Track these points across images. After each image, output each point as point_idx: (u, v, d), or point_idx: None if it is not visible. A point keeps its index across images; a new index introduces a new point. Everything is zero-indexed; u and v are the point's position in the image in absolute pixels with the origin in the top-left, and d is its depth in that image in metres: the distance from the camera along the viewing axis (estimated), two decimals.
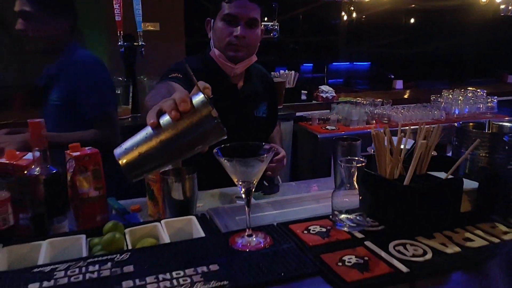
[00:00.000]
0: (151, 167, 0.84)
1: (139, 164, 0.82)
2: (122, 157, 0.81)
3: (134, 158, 0.81)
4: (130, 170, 0.82)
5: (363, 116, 3.01)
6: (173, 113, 0.79)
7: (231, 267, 0.82)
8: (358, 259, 0.84)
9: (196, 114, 0.80)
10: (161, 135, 0.81)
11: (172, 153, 0.83)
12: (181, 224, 1.08)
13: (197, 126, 0.80)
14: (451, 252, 0.87)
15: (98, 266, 0.83)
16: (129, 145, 0.82)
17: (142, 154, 0.81)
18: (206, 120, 0.80)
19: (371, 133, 0.98)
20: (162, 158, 0.83)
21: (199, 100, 0.81)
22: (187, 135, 0.81)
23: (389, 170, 0.98)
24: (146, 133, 0.82)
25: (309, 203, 1.20)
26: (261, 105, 1.70)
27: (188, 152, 0.84)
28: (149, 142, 0.81)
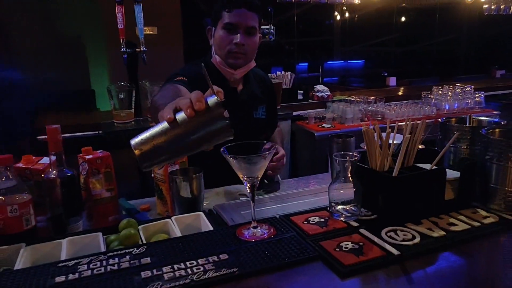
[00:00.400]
0: (163, 158, 0.91)
1: (153, 155, 0.89)
2: (138, 147, 0.88)
3: (149, 149, 0.89)
4: (144, 159, 0.89)
5: (357, 114, 3.11)
6: (189, 111, 0.87)
7: (239, 256, 0.91)
8: (354, 245, 0.93)
9: (210, 114, 0.89)
10: (176, 130, 0.89)
11: (183, 147, 0.91)
12: (190, 219, 1.17)
13: (209, 125, 0.89)
14: (437, 236, 0.96)
15: (117, 259, 0.91)
16: (145, 136, 0.89)
17: (157, 145, 0.88)
18: (218, 120, 0.89)
19: (362, 130, 1.07)
20: (174, 151, 0.91)
21: (213, 102, 0.89)
22: (199, 132, 0.89)
23: (379, 163, 1.07)
24: (162, 127, 0.89)
25: (308, 197, 1.29)
26: (260, 107, 1.79)
27: (198, 148, 0.92)
28: (164, 135, 0.89)
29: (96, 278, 0.85)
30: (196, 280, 0.82)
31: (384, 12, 6.39)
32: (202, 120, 0.89)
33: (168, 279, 0.83)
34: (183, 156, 0.92)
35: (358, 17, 6.64)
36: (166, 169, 1.33)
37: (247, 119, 1.74)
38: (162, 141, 0.89)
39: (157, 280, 0.83)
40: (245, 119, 1.72)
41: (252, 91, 1.77)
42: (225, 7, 1.56)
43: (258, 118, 1.78)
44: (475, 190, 1.12)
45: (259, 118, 1.78)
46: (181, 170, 1.31)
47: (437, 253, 0.91)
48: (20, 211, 1.06)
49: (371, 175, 1.08)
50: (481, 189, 1.10)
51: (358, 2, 3.62)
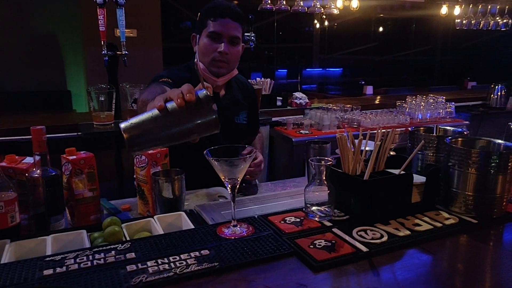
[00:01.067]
0: (150, 144, 0.96)
1: (141, 140, 0.94)
2: (128, 131, 0.93)
3: (138, 134, 0.93)
4: (133, 143, 0.93)
5: (334, 121, 3.21)
6: (179, 100, 0.92)
7: (220, 252, 0.96)
8: (326, 243, 1.00)
9: (199, 106, 0.94)
10: (166, 117, 0.93)
11: (172, 135, 0.95)
12: (171, 219, 1.22)
13: (199, 117, 0.94)
14: (403, 235, 1.04)
15: (103, 254, 0.95)
16: (136, 121, 0.94)
17: (146, 131, 0.93)
18: (207, 112, 0.94)
19: (336, 136, 1.14)
20: (163, 138, 0.95)
21: (204, 95, 0.95)
22: (188, 122, 0.94)
23: (352, 168, 1.15)
24: (152, 113, 0.94)
25: (285, 199, 1.36)
26: (241, 112, 1.85)
27: (185, 138, 0.97)
28: (154, 122, 0.93)
29: (83, 271, 0.89)
30: (179, 273, 0.88)
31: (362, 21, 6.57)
32: (192, 111, 0.94)
33: (152, 272, 0.88)
34: (170, 143, 0.97)
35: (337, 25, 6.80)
36: (148, 170, 1.37)
37: (229, 124, 1.79)
38: (152, 128, 0.94)
39: (142, 273, 0.88)
40: (226, 124, 1.78)
41: (234, 97, 1.83)
42: (210, 16, 1.62)
43: (239, 123, 1.84)
44: (439, 194, 1.21)
45: (240, 123, 1.84)
46: (164, 172, 1.35)
47: (402, 250, 0.99)
48: (6, 208, 1.09)
49: (344, 178, 1.15)
50: (444, 193, 1.19)
51: (337, 13, 3.74)
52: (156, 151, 1.39)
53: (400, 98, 3.85)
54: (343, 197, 1.15)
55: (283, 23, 6.21)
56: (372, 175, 1.13)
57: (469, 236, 1.08)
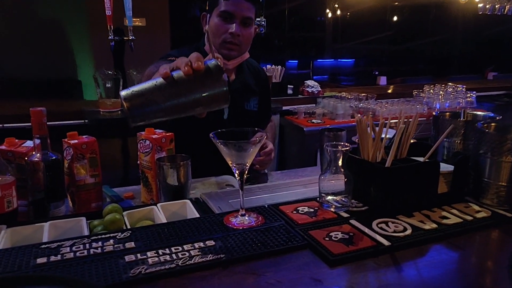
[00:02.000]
0: (152, 115, 0.87)
1: (143, 110, 0.85)
2: (129, 99, 0.84)
3: (140, 103, 0.85)
4: (134, 113, 0.85)
5: (348, 110, 3.10)
6: (186, 68, 0.83)
7: (226, 242, 0.88)
8: (343, 235, 0.92)
9: (208, 76, 0.86)
10: (171, 87, 0.85)
11: (176, 106, 0.87)
12: (176, 207, 1.14)
13: (207, 87, 0.86)
14: (429, 228, 0.94)
15: (101, 242, 0.88)
16: (138, 89, 0.85)
17: (149, 100, 0.84)
18: (216, 83, 0.86)
19: (355, 119, 1.05)
20: (167, 109, 0.87)
21: (214, 64, 0.86)
22: (195, 93, 0.86)
23: (372, 154, 1.05)
24: (156, 82, 0.85)
25: (298, 188, 1.27)
26: (252, 98, 1.76)
27: (191, 110, 0.89)
28: (158, 91, 0.85)
29: (79, 260, 0.82)
30: (181, 265, 0.80)
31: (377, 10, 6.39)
32: (200, 81, 0.86)
33: (152, 263, 0.80)
34: (174, 115, 0.89)
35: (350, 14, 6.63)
36: (152, 155, 1.29)
37: (238, 110, 1.70)
38: (156, 97, 0.85)
39: (141, 264, 0.80)
40: (235, 111, 1.69)
41: (245, 82, 1.74)
42: None
43: (250, 110, 1.75)
44: (468, 184, 1.11)
45: (250, 110, 1.75)
46: (169, 157, 1.28)
47: (428, 245, 0.90)
48: (2, 193, 1.03)
49: (363, 165, 1.06)
50: (474, 183, 1.09)
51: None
52: (161, 135, 1.31)
53: (417, 87, 3.71)
54: (362, 186, 1.06)
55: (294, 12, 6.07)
56: (395, 162, 1.03)
57: (502, 231, 0.98)
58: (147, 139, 1.31)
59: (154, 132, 1.34)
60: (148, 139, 1.31)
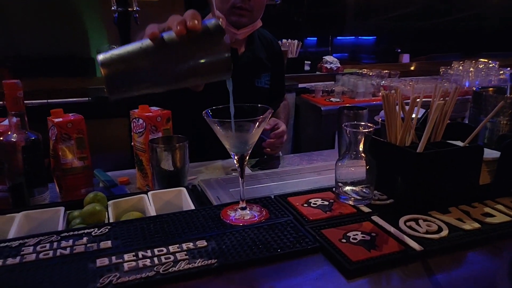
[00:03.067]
0: (137, 86, 0.72)
1: (125, 79, 0.70)
2: (108, 65, 0.68)
3: (122, 70, 0.69)
4: (114, 83, 0.69)
5: (369, 88, 2.89)
6: (179, 27, 0.67)
7: (221, 243, 0.73)
8: (364, 236, 0.75)
9: (207, 38, 0.69)
10: (159, 50, 0.69)
11: (165, 75, 0.71)
12: (170, 196, 0.99)
13: (203, 52, 0.69)
14: (470, 229, 0.77)
15: (72, 241, 0.73)
16: (120, 53, 0.69)
17: (133, 67, 0.69)
18: (216, 48, 0.69)
19: (381, 95, 0.87)
20: (153, 78, 0.71)
21: (214, 24, 0.69)
22: (189, 59, 0.70)
23: (400, 137, 0.87)
24: (141, 45, 0.69)
25: (310, 175, 1.10)
26: (263, 74, 1.57)
27: (184, 81, 0.73)
28: (143, 55, 0.69)
29: (41, 264, 0.67)
30: (162, 273, 0.65)
31: None
32: (196, 44, 0.69)
33: (128, 270, 0.66)
34: (164, 87, 0.73)
35: None
36: (146, 136, 1.14)
37: (248, 87, 1.53)
38: (141, 63, 0.69)
39: (114, 270, 0.65)
40: (245, 87, 1.52)
41: (256, 55, 1.55)
42: None
43: (261, 88, 1.57)
44: None
45: (261, 87, 1.57)
46: (164, 139, 1.12)
47: (469, 251, 0.73)
48: None
49: (390, 150, 0.88)
50: None
51: None
52: (156, 113, 1.15)
53: (443, 65, 3.45)
54: (387, 175, 0.89)
55: None
56: (428, 146, 0.85)
57: None
58: (140, 117, 1.16)
59: (148, 110, 1.18)
60: (141, 118, 1.16)
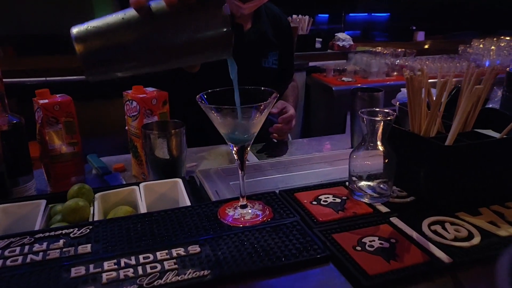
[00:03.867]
0: (118, 66, 0.61)
1: (104, 57, 0.59)
2: (81, 40, 0.57)
3: (98, 46, 0.58)
4: (90, 61, 0.58)
5: (383, 68, 2.74)
6: None
7: (216, 249, 0.63)
8: (382, 242, 0.65)
9: (202, 7, 0.58)
10: (145, 23, 0.58)
11: (152, 53, 0.60)
12: (164, 188, 0.89)
13: (199, 25, 0.58)
14: (506, 235, 0.66)
15: (46, 244, 0.64)
16: (97, 25, 0.58)
17: (111, 43, 0.58)
18: (213, 19, 0.58)
19: (404, 76, 0.75)
20: (137, 56, 0.60)
21: None
22: (181, 33, 0.59)
23: (425, 127, 0.76)
24: (124, 15, 0.58)
25: (320, 166, 0.99)
26: (271, 53, 1.45)
27: (174, 60, 0.62)
28: (126, 28, 0.58)
29: (6, 273, 0.58)
30: (146, 287, 0.55)
31: None
32: (189, 16, 0.58)
33: (106, 282, 0.56)
34: (150, 67, 0.62)
35: None
36: (140, 121, 1.04)
37: (254, 67, 1.41)
38: (123, 38, 0.58)
39: (91, 282, 0.56)
40: (250, 68, 1.39)
41: (262, 32, 1.42)
42: None
43: (268, 68, 1.45)
44: None
45: (269, 67, 1.45)
46: (158, 124, 1.02)
47: None
48: None
49: (413, 141, 0.77)
50: None
51: None
52: (151, 95, 1.05)
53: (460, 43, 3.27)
54: (409, 169, 0.78)
55: None
56: (458, 138, 0.73)
57: None
58: (134, 99, 1.06)
59: (143, 91, 1.08)
60: (135, 100, 1.06)
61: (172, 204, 0.88)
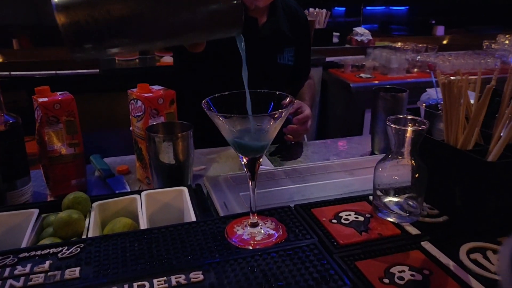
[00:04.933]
0: (109, 42, 0.52)
1: (91, 28, 0.50)
2: (63, 9, 0.49)
3: (85, 15, 0.49)
4: (74, 35, 0.50)
5: (403, 64, 2.62)
6: None
7: (223, 276, 0.55)
8: (413, 274, 0.56)
9: None
10: None
11: (149, 27, 0.52)
12: (167, 197, 0.82)
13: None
14: None
15: (30, 266, 0.57)
16: None
17: (100, 11, 0.49)
18: None
19: (440, 81, 0.65)
20: (131, 31, 0.52)
21: None
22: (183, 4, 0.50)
23: (463, 138, 0.66)
24: None
25: (340, 175, 0.90)
26: (287, 49, 1.36)
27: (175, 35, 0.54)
28: None
29: None
30: None
31: None
32: None
33: None
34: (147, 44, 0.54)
35: None
36: (146, 121, 0.97)
37: (268, 64, 1.32)
38: (114, 6, 0.50)
39: None
40: (265, 64, 1.31)
41: (278, 27, 1.33)
42: None
43: (283, 65, 1.36)
44: None
45: (284, 64, 1.36)
46: (164, 126, 0.94)
47: None
48: None
49: (449, 155, 0.68)
50: None
51: None
52: (157, 94, 0.97)
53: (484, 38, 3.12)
54: (442, 185, 0.69)
55: None
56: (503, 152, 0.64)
57: None
58: (139, 98, 0.98)
59: (148, 90, 1.00)
60: (139, 99, 0.98)
61: (176, 216, 0.80)
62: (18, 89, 2.16)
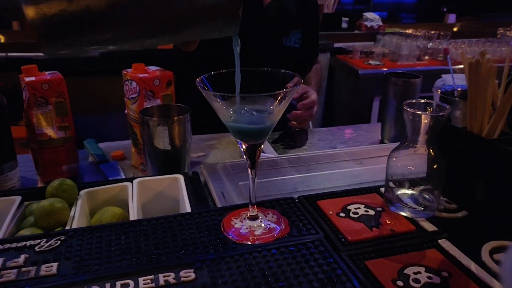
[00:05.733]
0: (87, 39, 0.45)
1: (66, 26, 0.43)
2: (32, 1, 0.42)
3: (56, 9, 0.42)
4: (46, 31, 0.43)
5: (414, 51, 2.53)
6: None
7: (217, 275, 0.49)
8: (431, 276, 0.49)
9: None
10: None
11: (137, 20, 0.45)
12: (161, 186, 0.76)
13: None
14: None
15: (3, 260, 0.51)
16: None
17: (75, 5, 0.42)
18: None
19: (466, 62, 0.58)
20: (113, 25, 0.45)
21: None
22: None
23: (488, 127, 0.59)
24: None
25: (348, 164, 0.84)
26: (293, 31, 1.29)
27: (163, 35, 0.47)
28: None
29: None
30: None
31: None
32: None
33: None
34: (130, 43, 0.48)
35: None
36: (140, 104, 0.91)
37: (273, 46, 1.25)
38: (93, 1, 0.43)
39: None
40: (270, 46, 1.24)
41: (284, 7, 1.26)
42: None
43: (290, 47, 1.29)
44: None
45: (290, 46, 1.29)
46: (160, 108, 0.88)
47: None
48: None
49: (472, 144, 0.61)
50: None
51: None
52: (153, 75, 0.91)
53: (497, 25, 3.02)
54: (462, 177, 0.62)
55: None
56: None
57: None
58: (133, 79, 0.92)
59: (144, 70, 0.94)
60: (134, 80, 0.91)
61: (170, 206, 0.74)
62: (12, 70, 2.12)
